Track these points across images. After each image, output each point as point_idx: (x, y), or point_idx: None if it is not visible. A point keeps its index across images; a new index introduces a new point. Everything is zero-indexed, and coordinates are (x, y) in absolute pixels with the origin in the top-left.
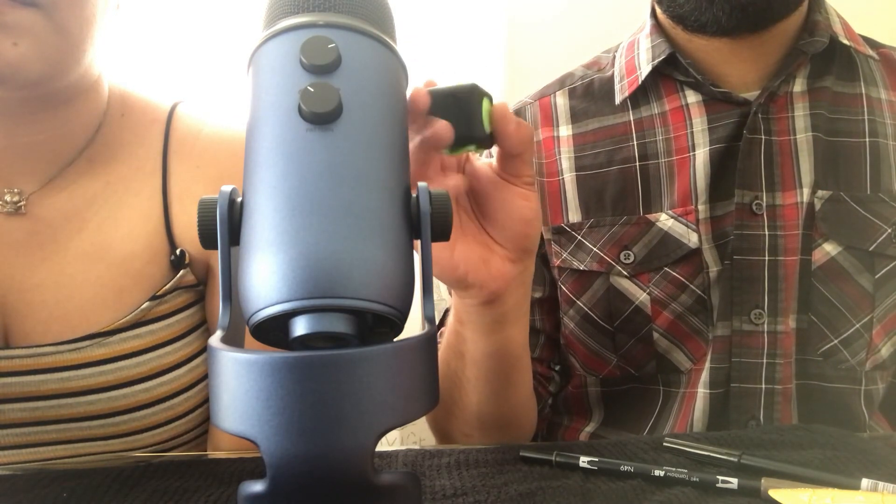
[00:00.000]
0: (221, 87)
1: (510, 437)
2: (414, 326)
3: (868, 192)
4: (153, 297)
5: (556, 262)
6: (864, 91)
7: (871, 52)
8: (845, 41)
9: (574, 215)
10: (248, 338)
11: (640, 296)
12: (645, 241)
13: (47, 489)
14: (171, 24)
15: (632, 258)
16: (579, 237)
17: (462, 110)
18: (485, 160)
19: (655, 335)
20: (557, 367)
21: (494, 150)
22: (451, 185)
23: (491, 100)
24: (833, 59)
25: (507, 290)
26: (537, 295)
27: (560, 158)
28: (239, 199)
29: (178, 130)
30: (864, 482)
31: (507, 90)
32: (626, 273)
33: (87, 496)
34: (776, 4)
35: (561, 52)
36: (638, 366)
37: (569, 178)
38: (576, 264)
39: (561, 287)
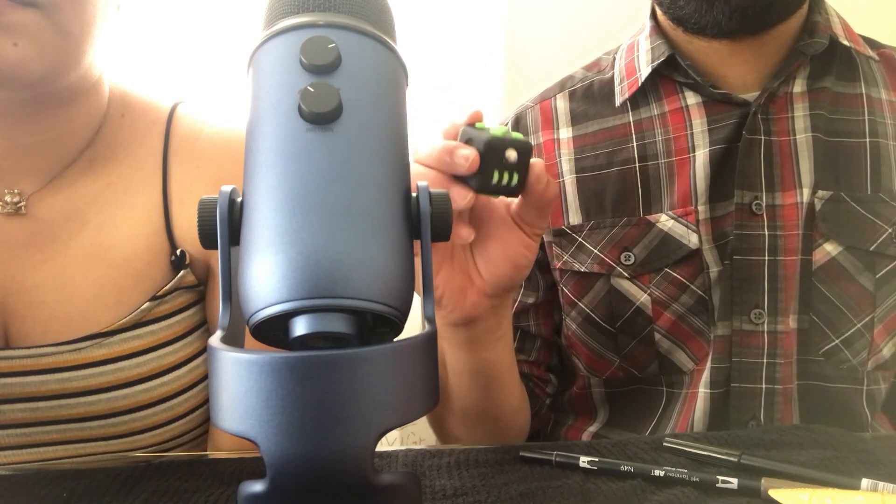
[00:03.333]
0: (221, 87)
1: (497, 437)
2: (414, 326)
3: (868, 192)
4: (153, 298)
5: (557, 264)
6: (864, 91)
7: (871, 52)
8: (845, 42)
9: (574, 217)
10: (249, 338)
11: (641, 297)
12: (645, 242)
13: (47, 489)
14: (171, 24)
15: (632, 259)
16: (580, 239)
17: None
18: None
19: (657, 336)
20: (557, 369)
21: None
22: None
23: (519, 149)
24: (833, 59)
25: (478, 318)
26: (531, 300)
27: (560, 161)
28: (239, 199)
29: (179, 131)
30: (864, 482)
31: (508, 90)
32: (626, 274)
33: (87, 496)
34: (776, 7)
35: (561, 52)
36: (641, 367)
37: (569, 180)
38: (577, 266)
39: (562, 289)
